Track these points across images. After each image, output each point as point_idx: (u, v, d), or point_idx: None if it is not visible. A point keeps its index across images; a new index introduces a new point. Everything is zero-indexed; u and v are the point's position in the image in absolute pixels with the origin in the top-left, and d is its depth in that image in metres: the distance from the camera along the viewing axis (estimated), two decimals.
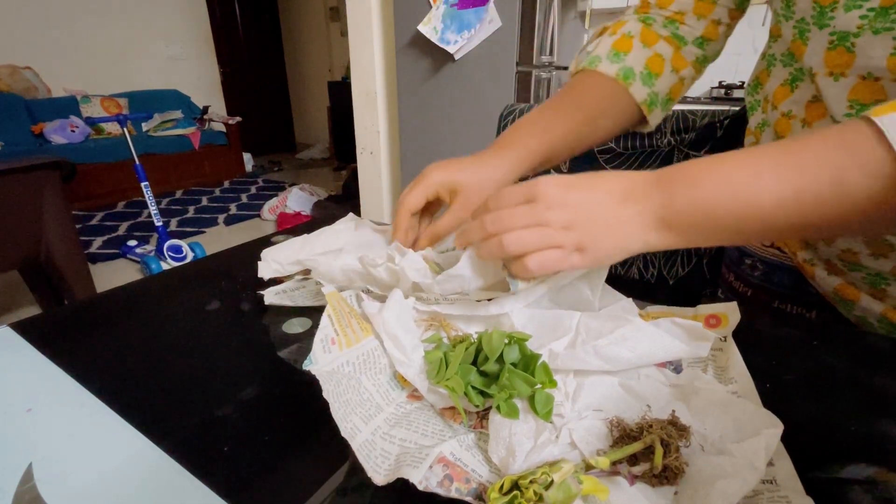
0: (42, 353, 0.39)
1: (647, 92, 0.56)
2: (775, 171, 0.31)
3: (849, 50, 0.39)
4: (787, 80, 0.48)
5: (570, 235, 0.34)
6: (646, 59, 0.56)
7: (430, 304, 0.41)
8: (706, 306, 0.39)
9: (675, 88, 0.58)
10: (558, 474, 0.24)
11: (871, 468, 0.28)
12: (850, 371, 0.37)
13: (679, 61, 0.57)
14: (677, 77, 0.58)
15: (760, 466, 0.24)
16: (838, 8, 0.38)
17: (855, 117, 0.31)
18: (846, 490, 0.27)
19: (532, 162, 0.51)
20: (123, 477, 0.28)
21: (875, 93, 0.39)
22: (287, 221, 3.03)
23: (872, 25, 0.37)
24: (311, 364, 0.34)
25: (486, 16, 1.66)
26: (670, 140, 0.80)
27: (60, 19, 3.68)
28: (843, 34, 0.39)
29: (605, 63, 0.55)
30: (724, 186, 0.32)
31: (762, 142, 0.54)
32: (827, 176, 0.29)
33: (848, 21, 0.38)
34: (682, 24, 0.56)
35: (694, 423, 0.29)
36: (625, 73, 0.55)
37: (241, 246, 0.63)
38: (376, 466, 0.27)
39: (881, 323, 0.48)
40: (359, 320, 0.39)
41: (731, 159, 0.33)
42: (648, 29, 0.57)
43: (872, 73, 0.38)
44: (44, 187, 1.56)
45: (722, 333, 0.38)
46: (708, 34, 0.57)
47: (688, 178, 0.33)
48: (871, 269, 0.46)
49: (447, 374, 0.32)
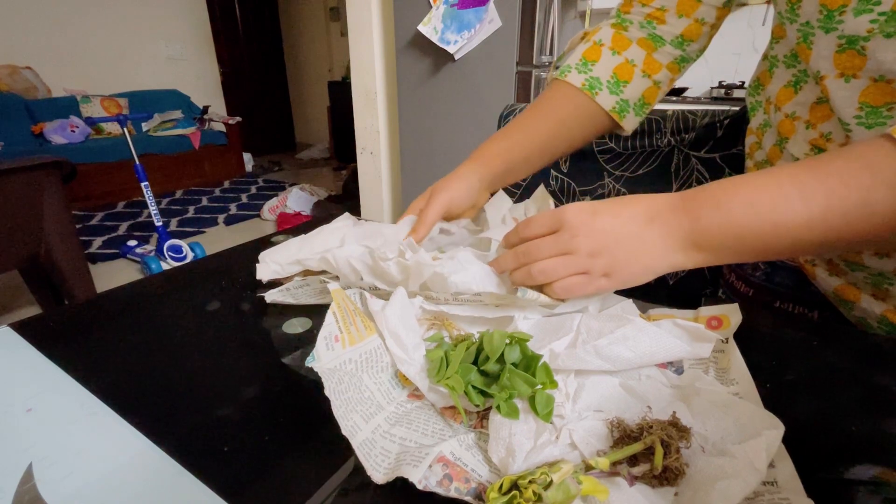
0: (42, 353, 0.39)
1: (615, 100, 0.58)
2: (801, 193, 0.32)
3: (860, 53, 0.39)
4: (790, 82, 0.48)
5: (596, 262, 0.35)
6: (613, 68, 0.58)
7: (438, 304, 0.41)
8: (707, 308, 0.39)
9: (649, 92, 0.60)
10: (557, 475, 0.24)
11: (873, 469, 0.28)
12: (852, 371, 0.37)
13: (652, 65, 0.58)
14: (650, 81, 0.59)
15: (761, 468, 0.24)
16: (847, 12, 0.38)
17: (876, 136, 0.32)
18: (848, 491, 0.26)
19: (494, 172, 0.57)
20: (123, 477, 0.28)
21: (886, 95, 0.39)
22: (287, 221, 3.03)
23: (884, 29, 0.36)
24: (314, 361, 0.34)
25: (486, 16, 1.66)
26: (670, 140, 0.80)
27: (60, 19, 3.68)
28: (853, 38, 0.39)
29: (574, 73, 0.58)
30: (749, 208, 0.33)
31: (764, 142, 0.54)
32: (854, 196, 0.30)
33: (857, 25, 0.38)
34: (660, 24, 0.56)
35: (695, 424, 0.29)
36: (590, 83, 0.57)
37: (241, 246, 0.63)
38: (376, 465, 0.27)
39: (881, 324, 0.48)
40: (363, 318, 0.39)
41: (753, 181, 0.34)
42: (621, 34, 0.58)
43: (885, 76, 0.38)
44: (44, 187, 1.56)
45: (723, 335, 0.38)
46: (688, 33, 0.56)
47: (711, 200, 0.34)
48: (874, 269, 0.46)
49: (447, 373, 0.32)
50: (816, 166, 0.32)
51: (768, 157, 0.53)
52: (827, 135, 0.44)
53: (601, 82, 0.57)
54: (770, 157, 0.53)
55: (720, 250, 0.34)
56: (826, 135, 0.45)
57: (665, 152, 0.82)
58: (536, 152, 0.59)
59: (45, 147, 3.32)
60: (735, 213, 0.33)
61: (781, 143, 0.50)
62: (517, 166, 0.59)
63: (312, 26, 5.47)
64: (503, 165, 0.58)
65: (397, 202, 2.36)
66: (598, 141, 0.91)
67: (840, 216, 0.31)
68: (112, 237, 2.83)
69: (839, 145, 0.44)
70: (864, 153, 0.31)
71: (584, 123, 0.59)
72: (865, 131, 0.40)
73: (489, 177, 0.57)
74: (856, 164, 0.31)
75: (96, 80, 3.91)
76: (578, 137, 0.60)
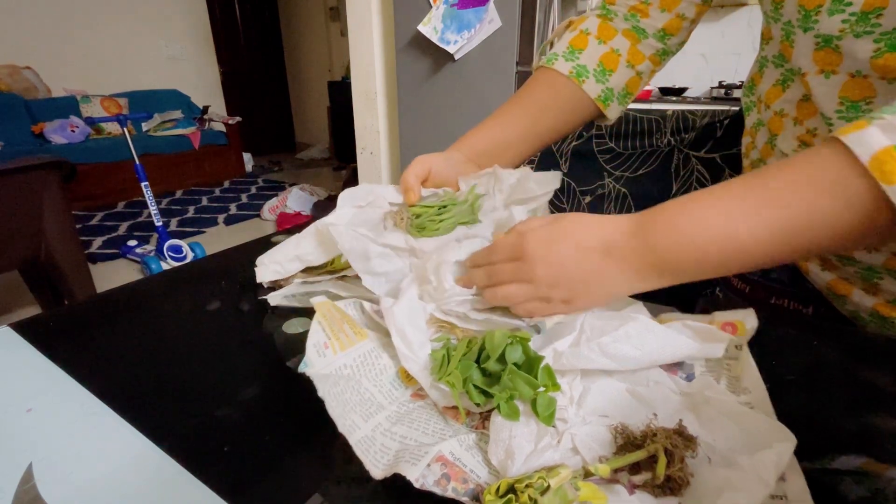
0: (42, 353, 0.39)
1: (601, 88, 0.59)
2: (745, 209, 0.32)
3: (836, 50, 0.40)
4: (778, 81, 0.49)
5: (554, 291, 0.37)
6: (600, 56, 0.58)
7: (447, 316, 0.41)
8: (721, 313, 0.38)
9: (633, 83, 0.61)
10: (555, 479, 0.24)
11: (859, 459, 0.28)
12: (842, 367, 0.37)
13: (635, 56, 0.59)
14: (634, 71, 0.60)
15: (770, 480, 0.24)
16: (822, 12, 0.39)
17: (824, 140, 0.32)
18: (837, 481, 0.27)
19: (476, 150, 0.59)
20: (123, 477, 0.28)
21: (864, 90, 0.40)
22: (287, 221, 3.03)
23: (854, 29, 0.38)
24: (307, 367, 0.34)
25: (486, 16, 1.66)
26: (670, 140, 0.80)
27: (60, 19, 3.68)
28: (827, 37, 0.40)
29: (561, 61, 0.59)
30: (701, 228, 0.33)
31: (757, 140, 0.55)
32: (802, 206, 0.30)
33: (831, 25, 0.39)
34: (644, 17, 0.58)
35: (702, 433, 0.29)
36: (578, 70, 0.58)
37: (241, 246, 0.63)
38: (375, 461, 0.27)
39: (872, 317, 0.49)
40: (352, 325, 0.38)
41: (703, 198, 0.34)
42: (607, 24, 0.59)
43: (861, 72, 0.39)
44: (44, 187, 1.56)
45: (738, 342, 0.37)
46: (669, 28, 0.58)
47: (666, 222, 0.34)
48: (864, 264, 0.46)
49: (448, 370, 0.32)
50: (765, 175, 0.32)
51: (761, 156, 0.54)
52: (813, 130, 0.46)
53: (588, 70, 0.58)
54: (763, 155, 0.54)
55: (678, 272, 0.34)
56: (812, 130, 0.46)
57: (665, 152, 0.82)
58: (517, 137, 0.60)
59: (45, 147, 3.31)
60: (687, 233, 0.33)
61: (772, 140, 0.51)
62: (499, 149, 0.60)
63: (312, 26, 5.47)
64: (483, 145, 0.59)
65: None
66: (597, 141, 0.91)
67: (789, 227, 0.30)
68: (112, 237, 2.82)
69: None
70: (810, 162, 0.31)
71: (568, 110, 0.60)
72: (847, 125, 0.41)
73: (470, 153, 0.58)
74: (800, 175, 0.30)
75: (96, 80, 3.91)
76: (562, 124, 0.61)
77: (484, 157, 0.58)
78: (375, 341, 0.38)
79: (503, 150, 0.60)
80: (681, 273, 0.34)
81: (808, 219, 0.30)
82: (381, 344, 0.38)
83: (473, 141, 0.59)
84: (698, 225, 0.33)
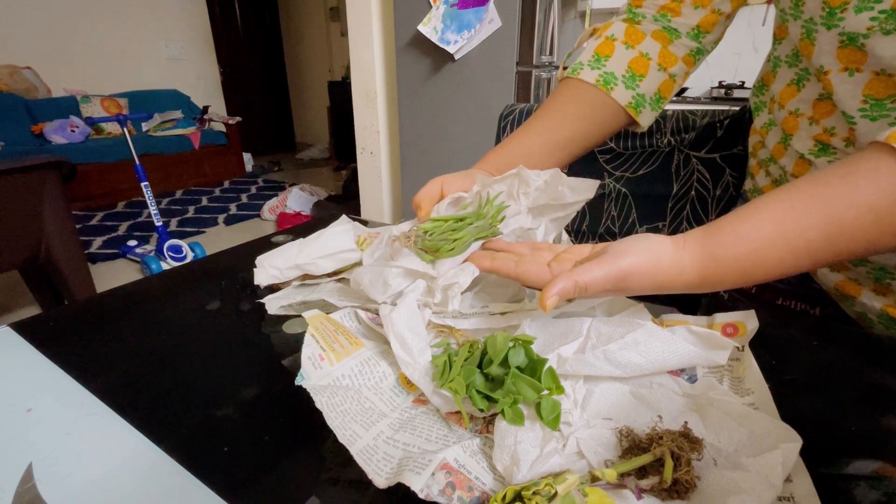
0: (42, 353, 0.39)
1: (631, 95, 0.56)
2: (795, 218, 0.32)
3: (860, 49, 0.40)
4: (793, 80, 0.49)
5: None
6: (628, 62, 0.56)
7: (444, 318, 0.41)
8: (723, 315, 0.38)
9: (665, 86, 0.58)
10: (562, 486, 0.24)
11: (873, 464, 0.28)
12: (852, 369, 0.37)
13: (667, 58, 0.57)
14: (666, 74, 0.57)
15: (777, 482, 0.23)
16: (848, 9, 0.39)
17: (868, 146, 0.33)
18: (850, 486, 0.26)
19: (498, 172, 0.54)
20: (123, 477, 0.28)
21: (889, 87, 0.39)
22: (287, 221, 3.03)
23: (883, 27, 0.37)
24: (304, 380, 0.34)
25: (486, 16, 1.66)
26: (670, 140, 0.80)
27: (60, 19, 3.68)
28: (853, 35, 0.39)
29: (587, 70, 0.56)
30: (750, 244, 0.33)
31: (768, 140, 0.54)
32: (853, 212, 0.31)
33: (857, 22, 0.38)
34: (675, 16, 0.56)
35: (707, 435, 0.28)
36: (605, 78, 0.56)
37: (241, 246, 0.63)
38: (378, 469, 0.27)
39: (880, 318, 0.48)
40: (346, 336, 0.38)
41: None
42: (634, 28, 0.57)
43: (886, 70, 0.39)
44: (44, 187, 1.56)
45: (739, 343, 0.37)
46: (704, 24, 0.55)
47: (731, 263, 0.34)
48: (877, 263, 0.46)
49: (451, 376, 0.32)
50: (815, 183, 0.33)
51: (772, 155, 0.54)
52: (830, 129, 0.45)
53: (616, 77, 0.56)
54: (774, 155, 0.53)
55: (727, 286, 0.35)
56: (830, 129, 0.45)
57: (665, 152, 0.82)
58: (538, 145, 0.57)
59: (45, 147, 3.31)
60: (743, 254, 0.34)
61: (786, 140, 0.51)
62: (519, 160, 0.56)
63: (312, 26, 5.47)
64: (502, 158, 0.56)
65: (397, 202, 2.36)
66: None
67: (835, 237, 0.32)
68: (112, 237, 2.82)
69: (843, 139, 0.45)
70: (858, 163, 0.32)
71: (593, 117, 0.57)
72: (870, 123, 0.41)
73: (489, 169, 0.56)
74: (848, 175, 0.32)
75: (96, 80, 3.91)
76: (588, 132, 0.58)
77: (504, 171, 0.56)
78: (372, 349, 0.38)
79: (524, 160, 0.56)
80: (728, 286, 0.35)
81: (868, 219, 0.31)
82: (378, 351, 0.38)
83: (492, 157, 0.56)
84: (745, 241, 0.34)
